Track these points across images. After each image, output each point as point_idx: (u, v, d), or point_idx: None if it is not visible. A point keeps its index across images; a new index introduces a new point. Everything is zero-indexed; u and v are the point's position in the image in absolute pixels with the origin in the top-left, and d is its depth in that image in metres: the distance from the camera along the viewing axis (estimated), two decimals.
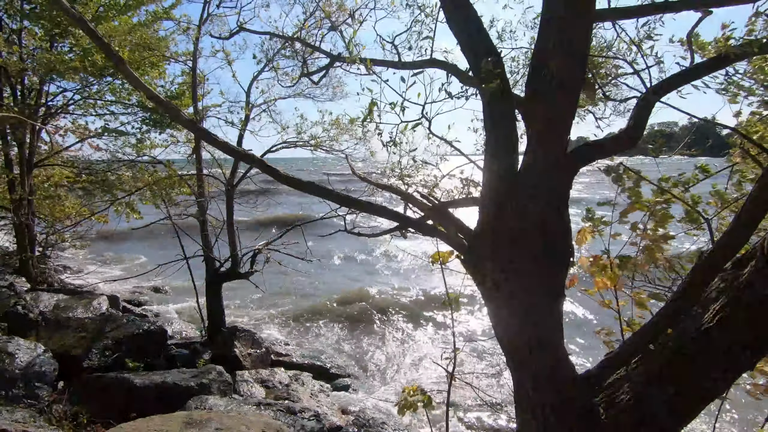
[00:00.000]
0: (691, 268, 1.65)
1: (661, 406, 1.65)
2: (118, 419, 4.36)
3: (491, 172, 2.07)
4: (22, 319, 6.69)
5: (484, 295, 2.18)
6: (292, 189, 2.45)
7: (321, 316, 11.07)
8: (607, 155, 2.11)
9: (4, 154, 8.59)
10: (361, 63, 2.41)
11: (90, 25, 2.37)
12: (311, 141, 8.29)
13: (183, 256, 8.43)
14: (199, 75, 8.08)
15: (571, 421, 1.85)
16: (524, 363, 2.01)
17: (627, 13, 2.32)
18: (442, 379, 7.86)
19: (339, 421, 5.86)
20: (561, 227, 1.98)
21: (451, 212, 2.40)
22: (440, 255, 2.55)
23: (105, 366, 6.19)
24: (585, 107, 3.57)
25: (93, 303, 7.68)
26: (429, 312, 11.32)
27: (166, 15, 8.36)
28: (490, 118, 2.07)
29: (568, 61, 1.77)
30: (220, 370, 6.10)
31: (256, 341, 8.20)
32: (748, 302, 1.52)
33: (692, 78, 2.13)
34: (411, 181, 2.97)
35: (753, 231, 1.52)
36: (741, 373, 1.62)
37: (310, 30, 4.83)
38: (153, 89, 2.42)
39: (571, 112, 1.93)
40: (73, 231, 10.29)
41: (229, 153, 2.87)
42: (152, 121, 9.23)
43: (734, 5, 2.13)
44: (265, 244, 8.04)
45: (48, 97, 9.44)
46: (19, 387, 4.99)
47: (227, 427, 3.33)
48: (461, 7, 2.06)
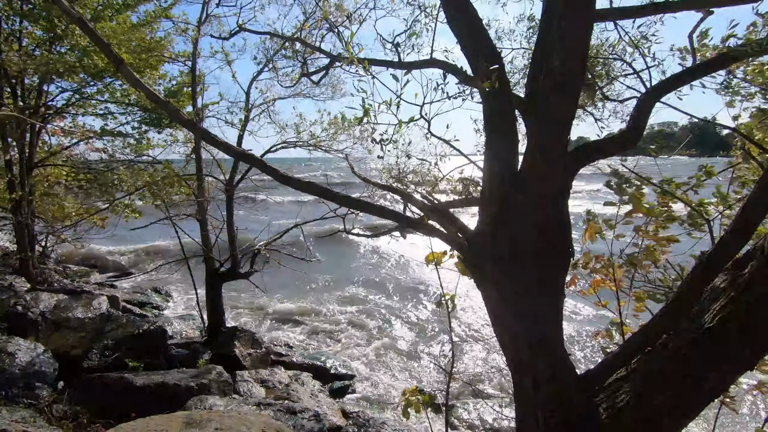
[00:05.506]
0: (691, 268, 1.65)
1: (661, 406, 1.65)
2: (118, 419, 4.36)
3: (491, 172, 2.07)
4: (22, 319, 6.68)
5: (484, 294, 2.18)
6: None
7: (321, 316, 11.08)
8: (607, 155, 2.11)
9: (4, 154, 8.58)
10: (359, 64, 2.40)
11: (90, 25, 2.37)
12: (310, 141, 8.29)
13: (183, 256, 8.43)
14: (198, 75, 8.07)
15: (572, 421, 1.85)
16: (524, 363, 2.01)
17: (627, 13, 2.32)
18: (442, 379, 7.87)
19: (339, 421, 5.86)
20: (561, 227, 1.98)
21: (451, 212, 2.39)
22: (434, 256, 2.54)
23: (105, 366, 6.19)
24: (585, 107, 3.57)
25: (93, 303, 7.67)
26: (428, 312, 11.33)
27: (164, 14, 8.35)
28: (490, 118, 2.07)
29: (568, 61, 1.77)
30: (220, 370, 6.10)
31: (256, 341, 8.20)
32: (748, 302, 1.52)
33: (692, 78, 2.13)
34: (408, 181, 2.97)
35: (753, 232, 1.52)
36: (741, 373, 1.62)
37: (310, 30, 4.83)
38: (152, 89, 2.42)
39: (571, 112, 1.93)
40: (73, 230, 10.28)
41: (229, 153, 2.86)
42: (151, 121, 9.23)
43: (734, 5, 2.13)
44: (265, 244, 8.04)
45: (48, 97, 9.43)
46: (19, 387, 4.99)
47: (227, 427, 3.33)
48: (461, 7, 2.06)
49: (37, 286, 9.07)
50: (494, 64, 1.95)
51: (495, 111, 2.04)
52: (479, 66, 2.00)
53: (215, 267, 8.21)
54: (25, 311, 6.83)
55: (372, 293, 12.58)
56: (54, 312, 7.15)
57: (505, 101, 2.02)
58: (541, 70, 1.85)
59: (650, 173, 2.24)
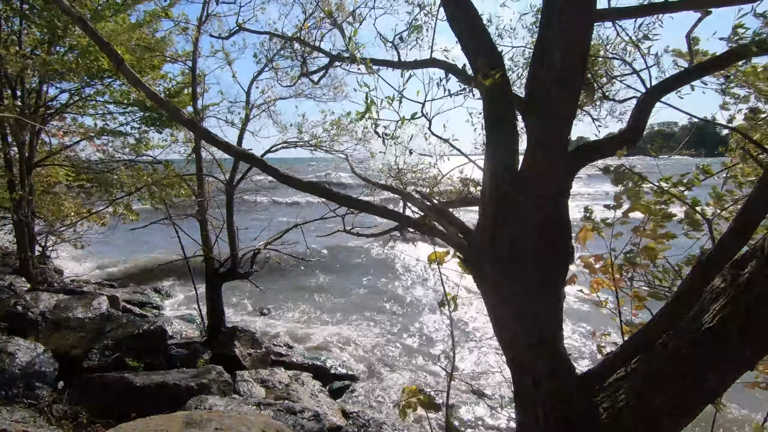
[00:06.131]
0: (691, 268, 1.64)
1: (661, 406, 1.65)
2: (118, 419, 4.36)
3: (491, 172, 2.07)
4: (22, 319, 6.68)
5: (484, 294, 2.18)
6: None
7: (320, 316, 11.08)
8: (606, 155, 2.11)
9: (4, 154, 8.58)
10: (361, 63, 2.41)
11: (90, 25, 2.37)
12: (311, 141, 8.28)
13: (183, 256, 8.43)
14: (198, 75, 8.07)
15: (572, 421, 1.85)
16: (524, 362, 2.01)
17: (627, 13, 2.32)
18: (442, 379, 7.86)
19: (339, 421, 5.86)
20: (561, 227, 1.98)
21: (451, 212, 2.39)
22: (436, 255, 2.55)
23: (105, 366, 6.19)
24: (585, 107, 3.56)
25: (93, 303, 7.67)
26: (428, 312, 11.33)
27: (164, 14, 8.35)
28: (490, 117, 2.07)
29: (568, 54, 1.76)
30: (220, 370, 6.10)
31: (256, 341, 8.20)
32: (748, 302, 1.52)
33: (692, 78, 2.13)
34: (408, 180, 2.97)
35: (753, 231, 1.52)
36: (741, 373, 1.62)
37: (310, 30, 4.82)
38: (153, 89, 2.42)
39: (571, 111, 1.93)
40: (73, 230, 10.29)
41: (229, 153, 2.86)
42: (151, 120, 9.23)
43: (734, 5, 2.13)
44: (265, 244, 8.04)
45: (47, 97, 9.43)
46: (19, 387, 4.99)
47: (227, 427, 3.33)
48: (461, 6, 2.06)
49: (37, 286, 9.07)
50: (494, 64, 1.95)
51: (495, 110, 2.04)
52: (479, 66, 2.00)
53: (215, 267, 8.21)
54: (25, 311, 6.82)
55: (372, 293, 12.58)
56: (54, 312, 7.15)
57: (505, 101, 2.02)
58: (542, 67, 1.85)
59: (650, 173, 2.24)
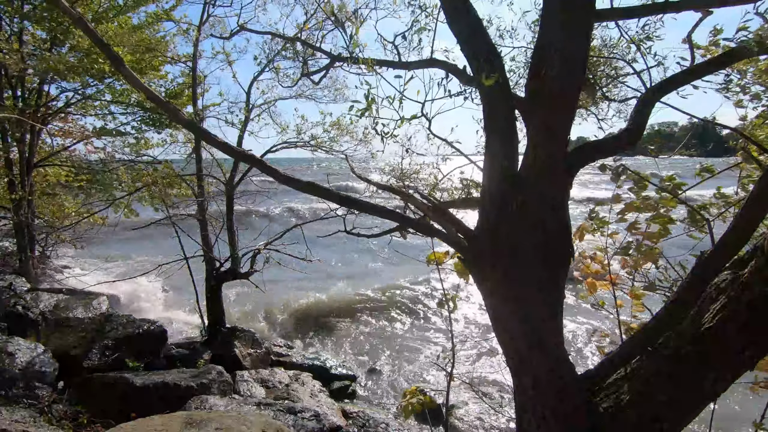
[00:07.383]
0: (691, 267, 1.65)
1: (661, 406, 1.65)
2: (118, 419, 4.36)
3: (491, 172, 2.07)
4: (22, 319, 6.68)
5: (483, 295, 2.18)
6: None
7: (320, 317, 11.07)
8: (607, 155, 2.11)
9: (4, 154, 8.59)
10: (363, 63, 2.41)
11: (89, 25, 2.37)
12: (311, 141, 8.29)
13: (183, 256, 8.43)
14: (199, 76, 8.07)
15: (572, 422, 1.85)
16: (524, 363, 2.00)
17: (628, 13, 2.32)
18: (442, 379, 7.86)
19: (339, 422, 5.86)
20: (561, 227, 1.98)
21: (451, 212, 2.39)
22: (436, 256, 2.55)
23: (105, 366, 6.19)
24: (585, 107, 3.57)
25: (93, 303, 7.67)
26: (428, 312, 11.33)
27: (166, 16, 8.36)
28: (490, 118, 2.07)
29: (568, 60, 1.76)
30: (220, 370, 6.09)
31: (256, 341, 8.19)
32: (748, 302, 1.52)
33: (692, 78, 2.13)
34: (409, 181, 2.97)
35: (753, 231, 1.52)
36: (741, 373, 1.62)
37: (311, 30, 4.83)
38: (153, 90, 2.42)
39: (571, 112, 1.93)
40: (73, 230, 10.29)
41: (229, 153, 2.86)
42: (151, 121, 9.23)
43: (734, 5, 2.13)
44: (265, 244, 8.04)
45: (48, 97, 9.44)
46: (19, 387, 4.99)
47: (227, 427, 3.33)
48: (461, 7, 2.06)
49: (37, 286, 9.07)
50: (494, 65, 1.95)
51: (495, 111, 2.04)
52: (479, 67, 2.00)
53: (215, 267, 8.21)
54: (25, 311, 6.83)
55: (372, 293, 12.57)
56: (54, 312, 7.15)
57: (505, 101, 2.02)
58: (542, 67, 1.85)
59: (650, 173, 2.24)
